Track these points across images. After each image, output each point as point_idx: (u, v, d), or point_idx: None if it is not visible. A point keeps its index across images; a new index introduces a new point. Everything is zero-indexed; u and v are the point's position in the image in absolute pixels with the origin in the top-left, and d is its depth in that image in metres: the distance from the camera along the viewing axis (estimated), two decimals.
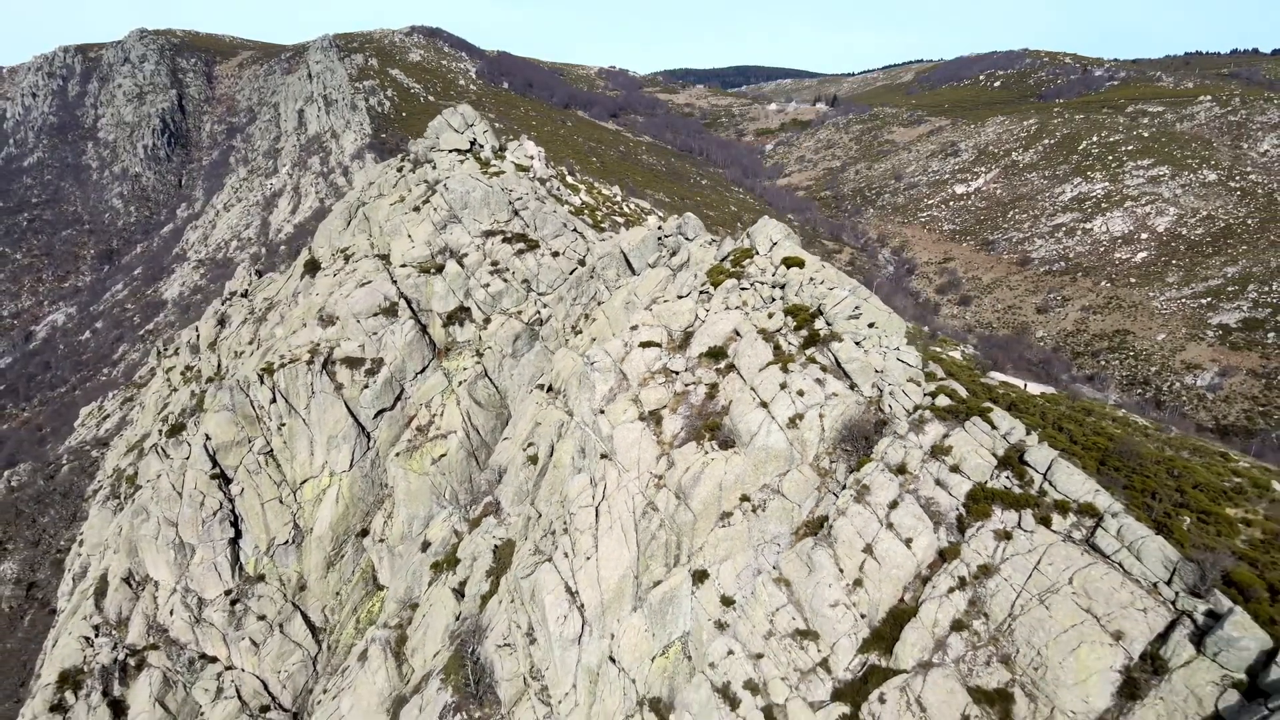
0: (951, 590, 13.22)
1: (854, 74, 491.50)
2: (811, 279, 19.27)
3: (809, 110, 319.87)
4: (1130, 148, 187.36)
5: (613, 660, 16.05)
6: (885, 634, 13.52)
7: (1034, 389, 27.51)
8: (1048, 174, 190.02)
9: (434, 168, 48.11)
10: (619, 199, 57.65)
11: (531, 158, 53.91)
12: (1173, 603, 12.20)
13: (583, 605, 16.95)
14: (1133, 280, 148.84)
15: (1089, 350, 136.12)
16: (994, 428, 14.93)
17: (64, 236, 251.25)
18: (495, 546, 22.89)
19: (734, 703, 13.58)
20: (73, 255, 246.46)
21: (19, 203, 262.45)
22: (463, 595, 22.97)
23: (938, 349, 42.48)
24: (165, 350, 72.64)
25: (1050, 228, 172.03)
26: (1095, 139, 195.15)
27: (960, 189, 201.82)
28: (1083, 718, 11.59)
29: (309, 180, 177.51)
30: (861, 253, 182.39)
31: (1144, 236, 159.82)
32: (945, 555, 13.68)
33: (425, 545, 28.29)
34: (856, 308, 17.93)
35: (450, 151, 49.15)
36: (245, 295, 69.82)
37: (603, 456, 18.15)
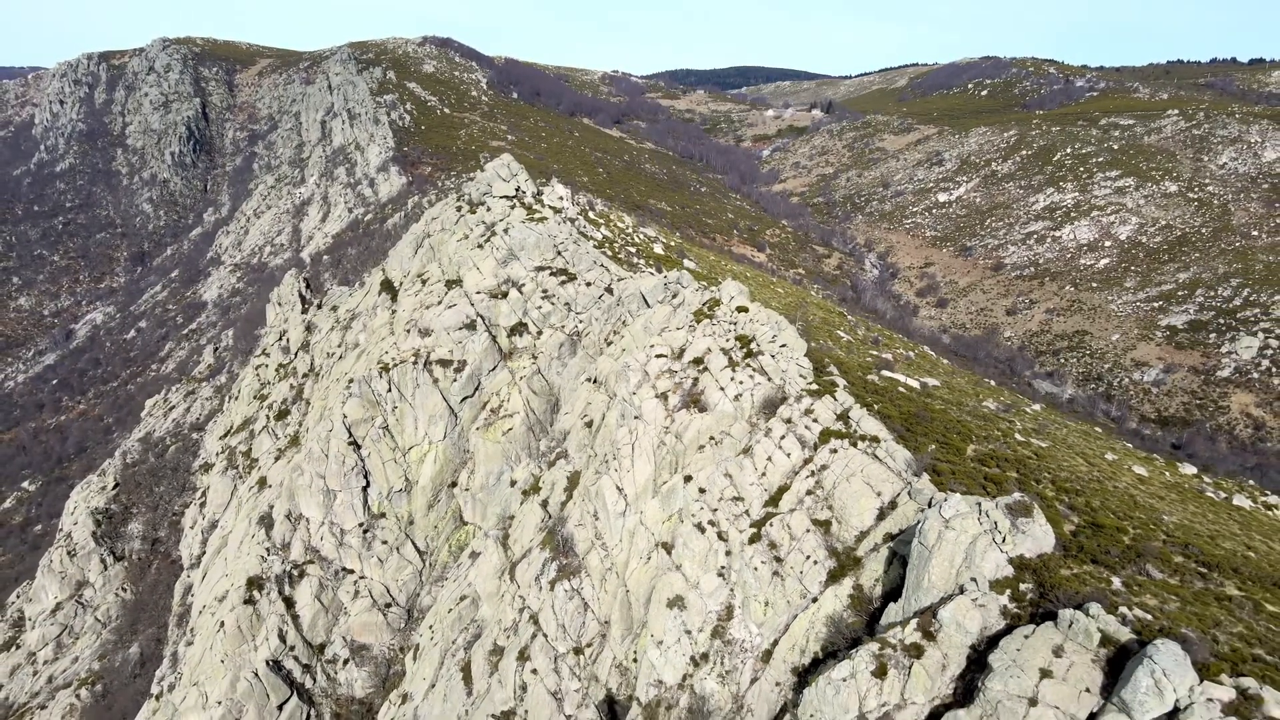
0: (807, 477, 26.89)
1: (851, 76, 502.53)
2: (752, 319, 33.18)
3: (805, 116, 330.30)
4: (1100, 159, 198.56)
5: (642, 524, 29.87)
6: (776, 497, 27.18)
7: (918, 382, 41.30)
8: (1024, 184, 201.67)
9: (489, 210, 61.92)
10: (630, 230, 71.54)
11: (562, 198, 67.83)
12: (905, 479, 25.95)
13: (626, 495, 30.82)
14: (1094, 285, 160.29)
15: (1050, 349, 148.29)
16: (835, 400, 28.78)
17: (98, 239, 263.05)
18: (568, 476, 36.75)
19: (703, 530, 27.45)
20: (107, 257, 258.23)
21: (53, 207, 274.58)
22: (546, 505, 36.79)
23: (875, 350, 56.40)
24: (254, 350, 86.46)
25: (1023, 235, 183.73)
26: (1069, 150, 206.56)
27: (943, 197, 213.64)
28: (860, 528, 25.39)
29: (336, 190, 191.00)
30: (849, 257, 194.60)
31: (1107, 244, 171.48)
32: (806, 461, 27.42)
33: (513, 483, 42.16)
34: (775, 336, 31.94)
35: (501, 197, 63.04)
36: (319, 306, 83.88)
37: (635, 418, 31.99)
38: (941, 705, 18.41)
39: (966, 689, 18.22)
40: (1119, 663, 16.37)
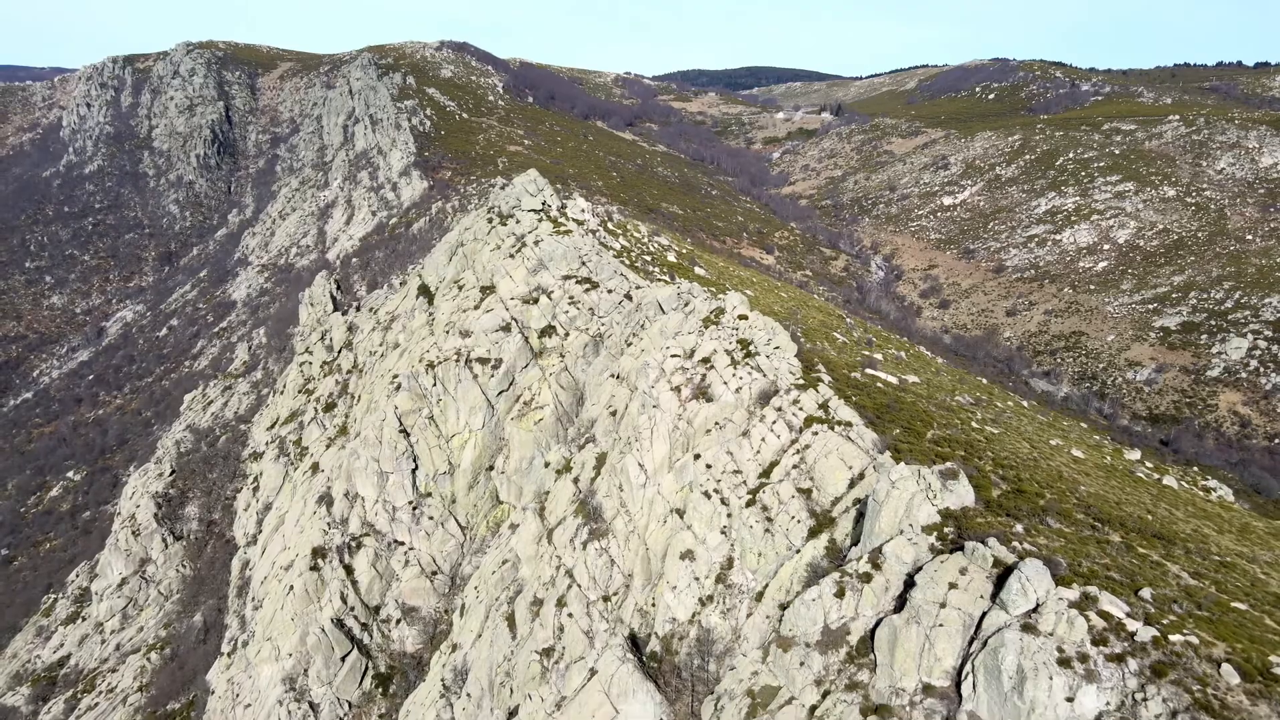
0: (793, 454, 33.28)
1: (861, 77, 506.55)
2: (751, 325, 39.69)
3: (814, 119, 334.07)
4: (1101, 164, 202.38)
5: (659, 493, 36.39)
6: (768, 470, 33.55)
7: (897, 378, 47.61)
8: (1026, 188, 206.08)
9: (518, 223, 68.48)
10: (645, 239, 77.99)
11: (584, 211, 74.36)
12: (872, 456, 32.34)
13: (646, 470, 37.35)
14: (1092, 287, 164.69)
15: (1048, 349, 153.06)
16: (818, 393, 35.24)
17: (127, 240, 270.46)
18: (596, 456, 43.30)
19: (709, 497, 33.98)
20: (136, 257, 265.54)
21: (83, 208, 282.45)
22: (577, 482, 43.35)
23: (866, 351, 62.64)
24: (287, 348, 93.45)
25: (1024, 238, 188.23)
26: (1071, 155, 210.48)
27: (948, 200, 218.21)
28: (835, 494, 31.82)
29: (360, 194, 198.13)
30: (855, 260, 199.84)
31: (1106, 247, 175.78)
32: (793, 441, 33.85)
33: (546, 464, 48.83)
34: (770, 340, 38.48)
35: (529, 211, 69.63)
36: (358, 308, 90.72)
37: (654, 407, 38.54)
38: (883, 615, 24.81)
39: (900, 603, 24.59)
40: (1005, 578, 22.67)
